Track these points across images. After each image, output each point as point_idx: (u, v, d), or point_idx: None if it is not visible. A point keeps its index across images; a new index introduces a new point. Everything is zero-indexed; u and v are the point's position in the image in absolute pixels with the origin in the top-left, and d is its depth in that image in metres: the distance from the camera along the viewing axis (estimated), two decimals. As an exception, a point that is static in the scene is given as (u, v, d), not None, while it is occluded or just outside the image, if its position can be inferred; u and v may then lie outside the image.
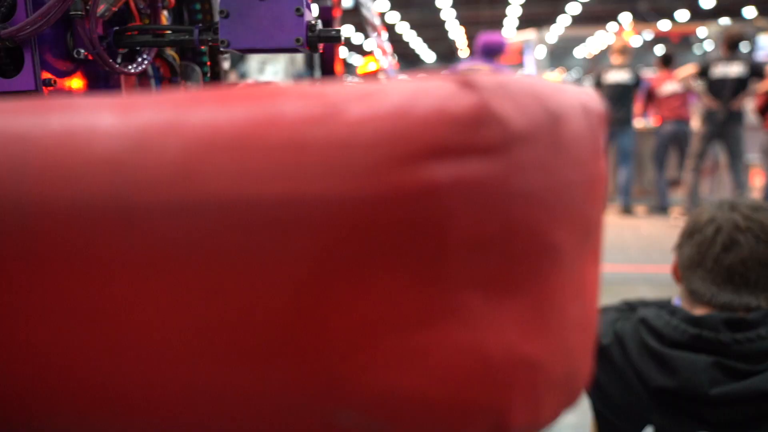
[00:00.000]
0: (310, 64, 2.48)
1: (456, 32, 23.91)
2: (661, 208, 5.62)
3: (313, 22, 0.55)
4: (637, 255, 4.08)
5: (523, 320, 0.19)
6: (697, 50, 6.03)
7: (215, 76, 0.80)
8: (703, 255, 0.97)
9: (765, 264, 0.92)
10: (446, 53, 30.61)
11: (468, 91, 0.19)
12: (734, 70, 4.94)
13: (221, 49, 0.56)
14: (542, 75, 6.34)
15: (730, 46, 5.06)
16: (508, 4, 20.29)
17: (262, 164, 0.19)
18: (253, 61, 2.48)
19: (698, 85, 5.15)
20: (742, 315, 0.93)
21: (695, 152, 5.21)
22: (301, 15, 0.54)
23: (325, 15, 0.89)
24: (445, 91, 0.19)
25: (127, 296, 0.20)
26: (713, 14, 21.23)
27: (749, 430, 0.88)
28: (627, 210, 5.63)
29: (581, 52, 25.53)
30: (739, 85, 4.94)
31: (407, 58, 35.05)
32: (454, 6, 21.22)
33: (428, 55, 32.97)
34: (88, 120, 0.21)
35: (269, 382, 0.19)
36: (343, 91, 0.19)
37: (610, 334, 1.08)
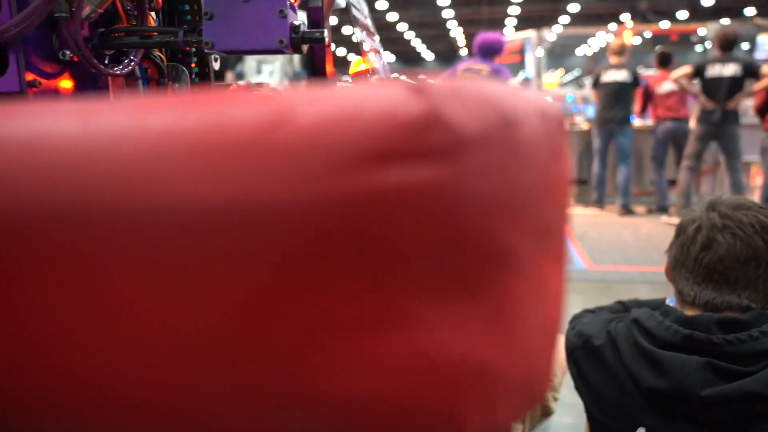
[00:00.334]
0: (306, 64, 2.49)
1: (457, 31, 23.91)
2: (661, 208, 5.62)
3: (296, 23, 0.55)
4: (636, 255, 4.08)
5: (478, 324, 0.19)
6: (699, 49, 6.00)
7: (204, 76, 0.80)
8: (686, 255, 0.97)
9: (743, 261, 0.91)
10: (447, 52, 30.62)
11: (418, 96, 0.19)
12: (729, 70, 4.96)
13: (205, 50, 0.56)
14: (542, 75, 6.34)
15: (724, 46, 5.08)
16: (509, 3, 20.30)
17: (213, 170, 0.19)
18: (250, 61, 2.48)
19: (694, 85, 5.17)
20: (735, 315, 0.93)
21: (691, 152, 5.23)
22: (285, 16, 0.54)
23: (315, 16, 0.89)
24: (394, 97, 0.19)
25: (84, 300, 0.20)
26: (713, 13, 21.22)
27: (741, 431, 0.88)
28: (626, 210, 5.63)
29: (582, 51, 25.55)
30: (734, 85, 4.95)
31: (407, 58, 35.06)
32: (454, 5, 21.24)
33: (429, 55, 32.99)
34: (46, 125, 0.21)
35: (224, 384, 0.19)
36: (295, 97, 0.19)
37: (603, 335, 1.08)
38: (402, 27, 24.84)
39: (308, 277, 0.18)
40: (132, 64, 0.64)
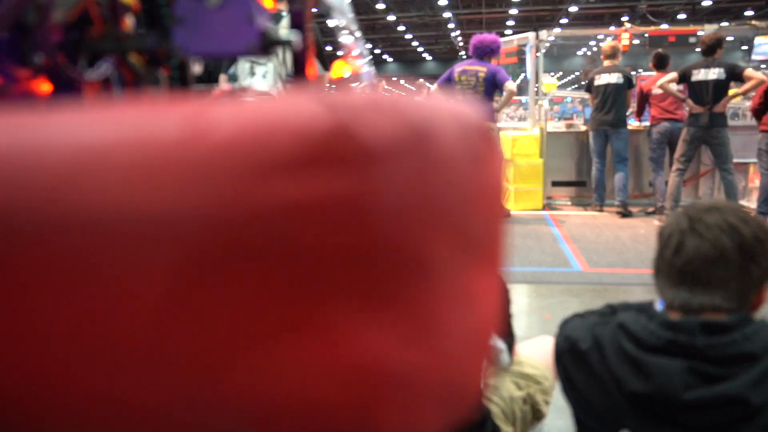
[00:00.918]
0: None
1: (456, 32, 23.96)
2: (659, 210, 5.62)
3: (265, 28, 0.55)
4: (633, 257, 4.07)
5: (393, 330, 0.19)
6: (698, 51, 6.02)
7: (184, 80, 0.80)
8: (662, 260, 0.98)
9: (710, 262, 0.91)
10: (447, 53, 30.67)
11: (329, 111, 0.19)
12: (713, 74, 5.02)
13: (175, 56, 0.56)
14: (540, 77, 6.34)
15: (706, 51, 5.14)
16: (508, 4, 20.34)
17: (136, 182, 0.19)
18: (243, 63, 2.48)
19: (680, 91, 5.25)
20: (718, 319, 0.93)
21: (680, 156, 5.28)
22: (253, 21, 0.54)
23: (296, 20, 0.89)
24: (306, 112, 0.19)
25: (8, 307, 0.20)
26: (712, 15, 21.25)
27: None
28: (625, 211, 5.63)
29: (582, 52, 25.60)
30: (719, 89, 5.01)
31: (407, 59, 35.12)
32: (453, 6, 21.28)
33: (428, 56, 33.03)
34: None
35: (142, 389, 0.20)
36: (215, 111, 0.19)
37: (589, 340, 1.07)
38: (401, 28, 24.89)
39: (221, 285, 0.18)
40: (104, 68, 0.64)
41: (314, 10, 0.99)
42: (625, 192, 5.65)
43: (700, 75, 5.07)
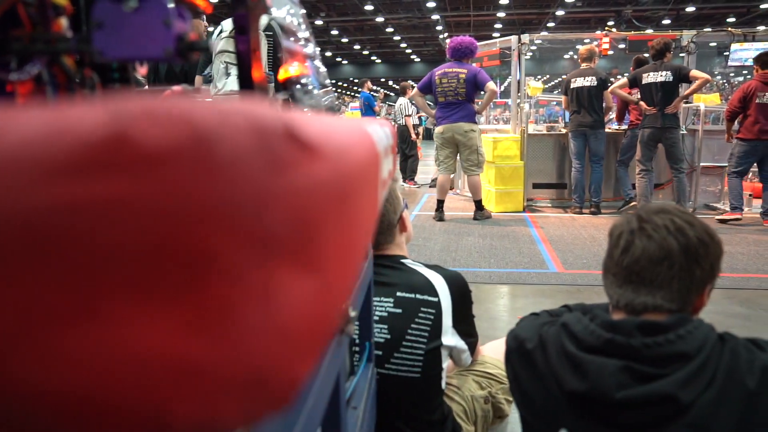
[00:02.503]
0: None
1: (445, 34, 24.01)
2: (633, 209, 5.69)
3: (183, 32, 0.56)
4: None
5: (181, 324, 0.21)
6: (682, 55, 6.13)
7: (125, 81, 0.80)
8: (611, 259, 0.99)
9: (656, 261, 0.93)
10: (435, 55, 30.71)
11: (108, 117, 0.20)
12: (662, 76, 5.23)
13: (95, 59, 0.57)
14: (522, 79, 6.38)
15: (656, 55, 5.32)
16: (496, 7, 20.43)
17: None
18: (218, 63, 2.48)
19: (634, 96, 5.40)
20: (657, 319, 0.94)
21: (641, 157, 5.45)
22: (170, 26, 0.55)
23: (240, 22, 0.90)
24: (86, 118, 0.20)
25: None
26: (695, 21, 21.50)
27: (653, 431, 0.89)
28: (597, 210, 5.71)
29: (569, 56, 25.77)
30: (667, 90, 5.21)
31: (396, 61, 35.15)
32: (441, 9, 21.35)
33: (416, 57, 33.07)
34: None
35: None
36: (6, 117, 0.21)
37: (535, 339, 1.09)
38: (390, 30, 24.90)
39: (6, 275, 0.19)
40: (31, 70, 0.64)
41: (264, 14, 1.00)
42: (599, 191, 5.73)
43: (649, 78, 5.29)
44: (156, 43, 0.56)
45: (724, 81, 17.33)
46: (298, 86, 0.90)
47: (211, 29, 3.79)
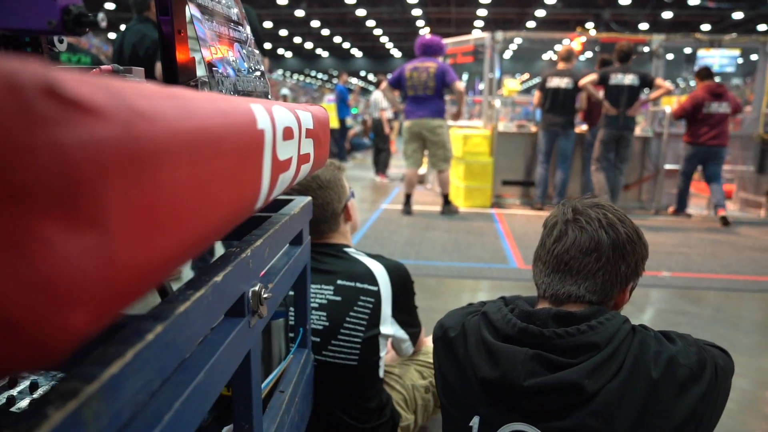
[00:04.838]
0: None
1: (426, 30, 24.00)
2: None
3: (71, 5, 0.56)
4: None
5: None
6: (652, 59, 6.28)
7: (38, 54, 0.79)
8: (542, 247, 1.01)
9: (585, 252, 0.96)
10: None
11: None
12: (628, 79, 5.40)
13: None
14: (495, 77, 6.43)
15: (621, 58, 5.48)
16: (477, 4, 20.49)
17: None
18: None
19: (600, 94, 5.53)
20: (573, 310, 0.96)
21: (598, 156, 5.61)
22: (54, -3, 0.55)
23: (163, 2, 0.89)
24: None
25: None
26: (672, 26, 21.88)
27: (558, 419, 0.90)
28: None
29: (548, 56, 26.00)
30: (632, 94, 5.40)
31: (376, 54, 35.03)
32: (423, 4, 21.33)
33: (397, 52, 33.00)
34: None
35: None
36: None
37: (458, 327, 1.10)
38: (371, 23, 24.81)
39: None
40: None
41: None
42: (564, 191, 5.82)
43: (617, 79, 5.44)
44: (39, 14, 0.56)
45: (685, 86, 17.75)
46: (215, 69, 0.90)
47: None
